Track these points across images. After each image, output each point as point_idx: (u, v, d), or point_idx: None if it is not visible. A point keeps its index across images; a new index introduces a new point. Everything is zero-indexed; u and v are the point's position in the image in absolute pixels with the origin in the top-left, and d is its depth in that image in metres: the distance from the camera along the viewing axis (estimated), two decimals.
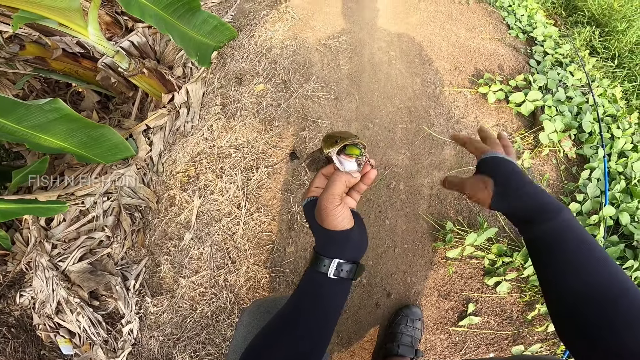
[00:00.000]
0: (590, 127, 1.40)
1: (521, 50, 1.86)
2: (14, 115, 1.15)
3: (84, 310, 1.35)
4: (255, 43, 1.45)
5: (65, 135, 1.29)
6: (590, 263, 0.34)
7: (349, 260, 0.42)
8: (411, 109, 1.45)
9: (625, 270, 1.03)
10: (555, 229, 0.37)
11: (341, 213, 0.41)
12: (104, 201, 1.52)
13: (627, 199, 1.20)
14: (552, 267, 0.37)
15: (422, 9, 1.91)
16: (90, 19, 1.06)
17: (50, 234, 1.54)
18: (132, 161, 1.49)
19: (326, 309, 0.43)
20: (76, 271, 1.48)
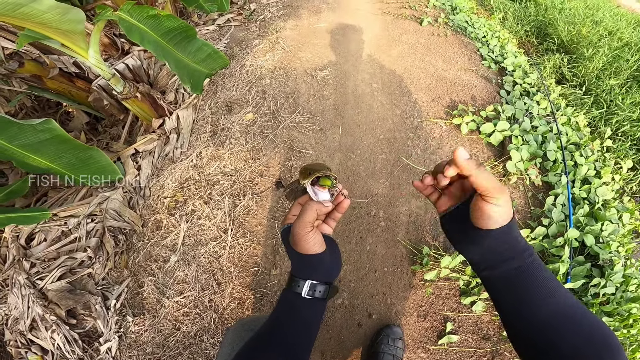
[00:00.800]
0: (554, 155, 1.54)
1: (493, 80, 2.07)
2: (6, 134, 1.19)
3: (59, 327, 1.36)
4: (247, 72, 1.56)
5: (54, 156, 1.34)
6: (544, 296, 0.38)
7: (321, 281, 0.47)
8: (391, 140, 1.60)
9: (593, 288, 1.16)
10: (512, 271, 0.40)
11: (312, 238, 0.46)
12: (87, 223, 1.56)
13: (592, 222, 1.33)
14: (510, 302, 0.40)
15: (403, 41, 2.10)
16: (92, 42, 1.13)
17: (29, 252, 1.56)
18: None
19: (301, 327, 0.47)
20: (54, 290, 1.50)
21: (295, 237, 0.46)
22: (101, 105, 1.43)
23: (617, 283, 1.15)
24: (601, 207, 1.38)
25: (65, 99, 1.38)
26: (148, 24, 1.19)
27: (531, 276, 0.40)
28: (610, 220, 1.32)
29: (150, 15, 1.17)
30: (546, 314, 0.38)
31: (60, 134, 1.26)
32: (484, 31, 2.57)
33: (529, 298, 0.39)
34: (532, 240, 1.31)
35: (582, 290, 1.20)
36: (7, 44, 1.14)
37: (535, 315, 0.39)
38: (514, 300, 0.40)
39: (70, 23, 0.99)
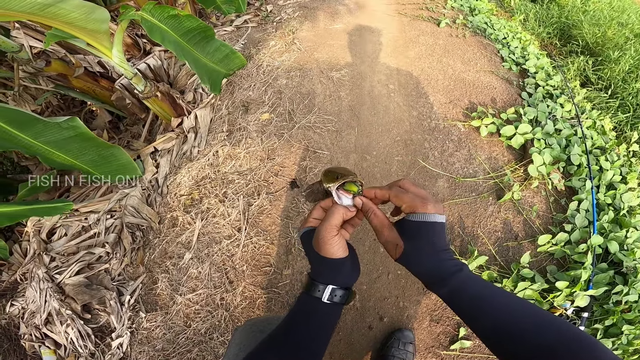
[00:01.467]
0: (578, 159, 1.51)
1: (514, 82, 2.05)
2: (32, 130, 1.26)
3: (74, 322, 1.42)
4: (263, 72, 1.61)
5: (78, 152, 1.41)
6: (492, 306, 0.42)
7: (341, 286, 0.48)
8: (407, 142, 1.60)
9: (615, 295, 1.14)
10: (455, 287, 0.43)
11: (337, 242, 0.47)
12: (107, 219, 1.63)
13: (616, 228, 1.30)
14: (469, 310, 0.43)
15: (421, 42, 2.11)
16: (115, 41, 1.19)
17: (50, 247, 1.64)
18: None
19: (317, 331, 0.48)
20: (71, 284, 1.57)
21: (321, 241, 0.47)
22: (123, 104, 1.51)
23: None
24: (626, 214, 1.35)
25: (90, 98, 1.46)
26: (169, 24, 1.25)
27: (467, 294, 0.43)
28: (635, 227, 1.29)
29: (171, 15, 1.23)
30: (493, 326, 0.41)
31: (84, 131, 1.33)
32: (505, 32, 2.54)
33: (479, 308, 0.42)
34: (553, 246, 1.28)
35: (603, 297, 1.16)
36: (35, 43, 1.22)
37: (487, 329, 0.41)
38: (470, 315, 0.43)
39: (95, 22, 1.05)
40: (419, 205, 0.44)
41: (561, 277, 1.19)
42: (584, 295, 1.09)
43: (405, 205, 0.46)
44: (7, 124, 1.23)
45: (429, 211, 0.44)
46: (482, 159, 1.63)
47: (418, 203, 0.44)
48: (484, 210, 1.43)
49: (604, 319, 1.12)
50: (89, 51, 1.20)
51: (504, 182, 1.49)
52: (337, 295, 0.48)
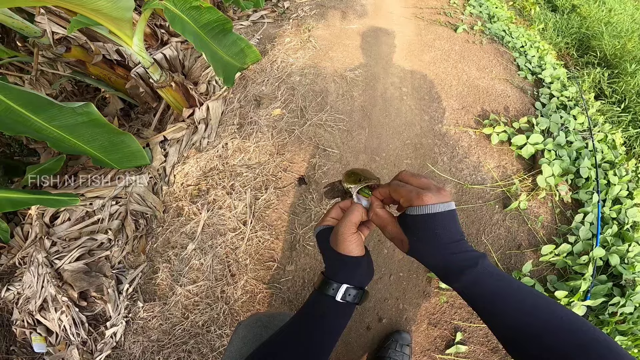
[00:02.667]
0: (587, 172, 1.57)
1: (528, 91, 2.13)
2: (46, 114, 1.34)
3: (69, 309, 1.46)
4: (277, 68, 1.70)
5: (89, 138, 1.50)
6: (511, 298, 0.41)
7: (356, 285, 0.50)
8: (417, 146, 1.67)
9: (611, 307, 1.20)
10: (468, 283, 0.42)
11: (356, 239, 0.49)
12: (112, 205, 1.72)
13: (619, 242, 1.38)
14: (483, 308, 0.43)
15: (437, 47, 2.20)
16: (137, 30, 1.26)
17: (52, 231, 1.71)
18: (145, 170, 1.70)
19: (328, 330, 0.50)
20: (70, 270, 1.63)
21: (340, 237, 0.49)
22: (136, 92, 1.60)
23: (636, 303, 1.18)
24: (630, 229, 1.41)
25: (104, 85, 1.56)
26: (190, 15, 1.34)
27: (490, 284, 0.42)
28: (637, 242, 1.35)
29: (193, 6, 1.32)
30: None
31: (97, 117, 1.42)
32: (523, 41, 2.62)
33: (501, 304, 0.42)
34: (555, 256, 1.35)
35: (600, 308, 1.23)
36: (58, 29, 1.31)
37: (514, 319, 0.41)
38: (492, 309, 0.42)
39: (120, 10, 1.12)
40: (414, 198, 0.43)
41: (560, 286, 1.26)
42: (582, 305, 1.16)
43: (402, 200, 0.45)
44: (22, 107, 1.32)
45: (425, 202, 0.42)
46: (491, 167, 1.71)
47: (414, 196, 0.43)
48: (490, 217, 1.50)
49: None
50: (110, 39, 1.30)
51: (511, 191, 1.57)
52: (351, 294, 0.49)
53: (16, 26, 1.15)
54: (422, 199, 0.42)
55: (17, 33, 1.36)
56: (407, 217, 0.45)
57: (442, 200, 0.43)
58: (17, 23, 1.15)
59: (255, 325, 0.73)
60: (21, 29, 1.18)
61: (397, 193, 0.46)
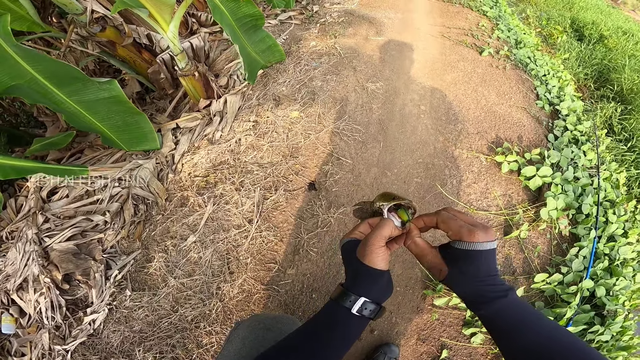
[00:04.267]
0: (588, 209, 1.76)
1: (543, 122, 2.33)
2: (69, 88, 1.45)
3: (49, 291, 1.52)
4: (300, 70, 1.88)
5: (105, 115, 1.62)
6: (530, 328, 0.48)
7: (374, 300, 0.54)
8: (429, 166, 1.84)
9: (590, 334, 1.39)
10: (494, 311, 0.50)
11: (382, 253, 0.55)
12: (114, 186, 1.86)
13: (607, 276, 1.58)
14: (504, 334, 0.50)
15: (459, 68, 2.40)
16: (176, 16, 1.39)
17: (47, 206, 1.82)
18: (153, 154, 1.85)
19: (340, 342, 0.54)
20: (59, 250, 1.70)
21: (368, 248, 0.55)
22: (157, 78, 1.76)
23: (614, 332, 1.37)
24: (619, 265, 1.61)
25: (127, 67, 1.71)
26: (229, 7, 1.51)
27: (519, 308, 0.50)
28: (624, 277, 1.55)
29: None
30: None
31: (119, 94, 1.56)
32: (546, 70, 2.84)
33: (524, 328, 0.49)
34: (546, 284, 1.52)
35: (578, 335, 1.41)
36: (98, 8, 1.47)
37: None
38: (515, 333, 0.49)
39: None
40: (466, 234, 0.50)
41: (547, 312, 1.43)
42: None
43: (451, 232, 0.52)
44: (47, 79, 1.47)
45: (476, 240, 0.49)
46: (498, 195, 1.90)
47: (465, 231, 0.50)
48: None
49: None
50: (147, 23, 1.46)
51: (514, 220, 1.77)
52: (368, 308, 0.54)
53: (60, 1, 1.31)
54: (473, 236, 0.50)
55: (55, 9, 1.52)
56: (455, 250, 0.52)
57: (489, 239, 0.50)
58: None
59: (257, 326, 0.77)
60: (64, 5, 1.33)
61: (446, 225, 0.53)
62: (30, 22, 1.53)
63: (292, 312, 1.53)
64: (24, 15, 1.51)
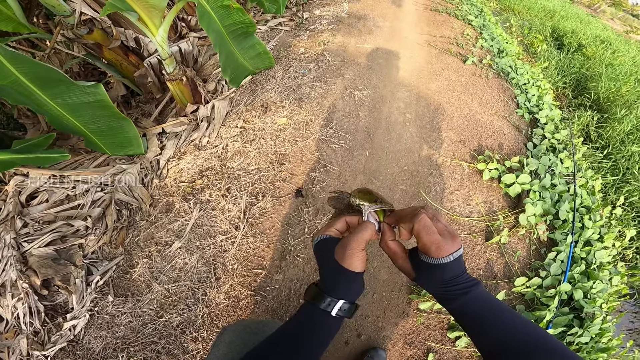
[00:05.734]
0: (565, 215, 1.86)
1: (523, 131, 2.43)
2: (52, 91, 1.44)
3: (27, 297, 1.50)
4: (289, 77, 1.91)
5: (89, 119, 1.61)
6: (497, 321, 0.52)
7: (350, 301, 0.56)
8: (413, 173, 1.91)
9: (569, 336, 1.46)
10: (459, 306, 0.54)
11: (362, 256, 0.56)
12: (96, 191, 1.84)
13: (584, 279, 1.66)
14: (472, 327, 0.54)
15: (444, 76, 2.48)
16: (165, 20, 1.41)
17: (26, 211, 1.79)
18: (137, 159, 1.84)
19: (319, 342, 0.56)
20: (38, 255, 1.68)
21: (348, 252, 0.55)
22: (143, 81, 1.75)
23: (592, 334, 1.46)
24: (596, 268, 1.71)
25: (114, 71, 1.69)
26: (218, 13, 1.52)
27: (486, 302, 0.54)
28: (601, 280, 1.65)
29: (224, 5, 1.50)
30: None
31: (103, 99, 1.55)
32: (526, 78, 2.96)
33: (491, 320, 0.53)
34: (526, 288, 1.61)
35: (558, 337, 1.48)
36: (87, 10, 1.45)
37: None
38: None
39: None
40: (433, 252, 0.53)
41: (527, 315, 1.51)
42: None
43: (421, 244, 0.55)
44: (30, 81, 1.45)
45: (442, 255, 0.52)
46: (479, 201, 1.98)
47: (433, 250, 0.53)
48: (472, 248, 1.76)
49: None
50: (134, 26, 1.46)
51: (495, 226, 1.86)
52: (344, 308, 0.56)
53: (49, 3, 1.29)
54: (440, 252, 0.53)
55: (42, 10, 1.49)
56: (421, 263, 0.55)
57: (454, 250, 0.53)
58: (52, 0, 1.29)
59: (243, 331, 0.78)
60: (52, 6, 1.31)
61: (418, 237, 0.55)
62: (16, 22, 1.51)
63: (280, 317, 1.56)
64: (11, 15, 1.49)
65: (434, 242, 0.53)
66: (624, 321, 2.28)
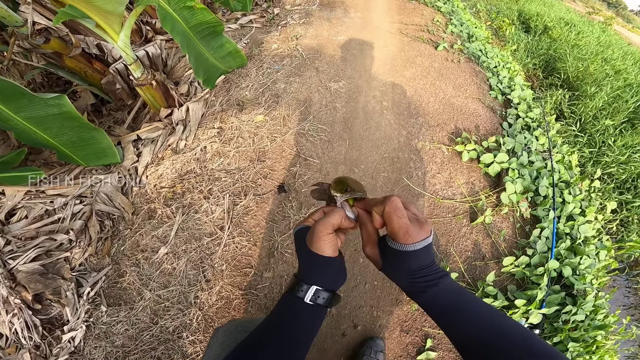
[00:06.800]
0: (545, 191, 1.88)
1: (497, 111, 2.47)
2: (15, 104, 1.39)
3: (22, 312, 1.48)
4: (262, 74, 1.87)
5: (57, 131, 1.56)
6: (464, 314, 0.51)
7: (326, 288, 0.55)
8: (394, 160, 1.91)
9: (564, 314, 1.46)
10: (427, 300, 0.52)
11: (330, 240, 0.55)
12: (75, 204, 1.77)
13: (571, 255, 1.66)
14: (441, 320, 0.53)
15: (417, 63, 2.49)
16: (126, 26, 1.35)
17: (6, 228, 1.73)
18: (114, 169, 1.78)
19: (299, 332, 0.54)
20: (25, 271, 1.64)
21: (315, 235, 0.55)
22: (112, 88, 1.69)
23: (587, 311, 1.46)
24: (581, 243, 1.72)
25: (79, 79, 1.62)
26: (182, 15, 1.47)
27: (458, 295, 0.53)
28: (588, 255, 1.66)
29: (187, 6, 1.45)
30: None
31: (69, 110, 1.50)
32: (496, 61, 3.01)
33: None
34: (515, 267, 1.62)
35: (554, 316, 1.50)
36: (40, 19, 1.38)
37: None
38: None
39: (114, 4, 1.22)
40: (401, 236, 0.51)
41: (519, 295, 1.52)
42: (538, 313, 1.41)
43: (389, 228, 0.53)
44: None
45: (410, 242, 0.51)
46: (461, 183, 2.00)
47: (400, 233, 0.51)
48: (458, 230, 1.77)
49: (552, 336, 1.45)
50: (94, 32, 1.40)
51: (478, 206, 1.87)
52: (321, 297, 0.54)
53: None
54: (407, 238, 0.51)
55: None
56: (388, 248, 0.54)
57: (423, 237, 0.52)
58: (0, 11, 1.22)
59: (235, 330, 0.78)
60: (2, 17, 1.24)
61: (387, 220, 0.53)
62: None
63: None
64: None
65: (402, 226, 0.52)
66: (618, 296, 2.34)
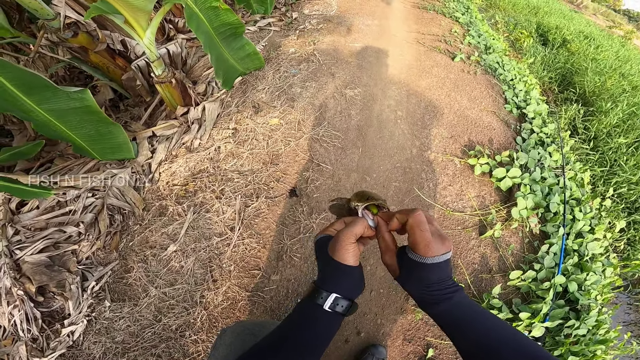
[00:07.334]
0: (556, 207, 1.87)
1: (512, 125, 2.45)
2: (38, 96, 1.40)
3: (23, 304, 1.48)
4: (279, 77, 1.88)
5: (76, 125, 1.57)
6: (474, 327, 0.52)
7: (345, 296, 0.55)
8: (406, 170, 1.90)
9: (566, 329, 1.46)
10: (439, 312, 0.53)
11: (352, 250, 0.56)
12: (87, 197, 1.79)
13: (578, 271, 1.66)
14: (452, 331, 0.54)
15: (434, 74, 2.48)
16: (152, 23, 1.38)
17: (17, 218, 1.75)
18: (128, 164, 1.79)
19: (315, 339, 0.54)
20: (31, 262, 1.66)
21: (338, 244, 0.56)
22: (132, 84, 1.70)
23: (589, 326, 1.46)
24: (589, 260, 1.72)
25: (100, 74, 1.64)
26: (207, 15, 1.48)
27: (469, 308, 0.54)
28: (594, 272, 1.65)
29: (212, 6, 1.46)
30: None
31: (91, 104, 1.51)
32: (513, 74, 2.98)
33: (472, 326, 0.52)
34: (521, 281, 1.61)
35: (556, 330, 1.49)
36: (71, 13, 1.40)
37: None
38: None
39: (144, 0, 1.24)
40: (422, 249, 0.52)
41: (524, 309, 1.51)
42: (541, 327, 1.41)
43: (411, 240, 0.54)
44: (15, 87, 1.40)
45: (430, 255, 0.52)
46: (472, 196, 1.98)
47: (422, 246, 0.52)
48: (467, 243, 1.75)
49: (553, 349, 1.45)
50: (121, 28, 1.41)
51: (488, 220, 1.86)
52: (340, 304, 0.55)
53: (31, 6, 1.24)
54: (428, 251, 0.52)
55: (25, 14, 1.43)
56: (409, 260, 0.55)
57: (443, 252, 0.53)
58: (34, 3, 1.23)
59: (243, 332, 0.78)
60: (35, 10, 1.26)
61: (410, 231, 0.55)
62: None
63: (279, 317, 1.54)
64: None
65: (425, 239, 0.53)
66: (619, 313, 2.31)
